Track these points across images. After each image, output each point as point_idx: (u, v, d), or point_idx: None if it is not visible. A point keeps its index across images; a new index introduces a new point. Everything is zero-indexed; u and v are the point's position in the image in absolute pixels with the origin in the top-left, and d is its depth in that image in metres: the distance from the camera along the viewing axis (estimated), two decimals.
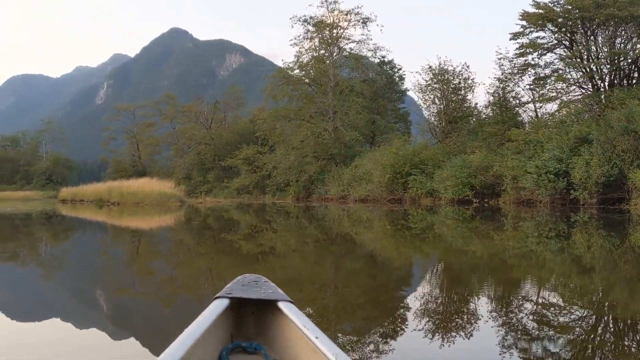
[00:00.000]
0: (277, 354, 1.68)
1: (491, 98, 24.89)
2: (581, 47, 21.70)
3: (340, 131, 29.88)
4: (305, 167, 29.52)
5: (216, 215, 16.27)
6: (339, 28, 32.55)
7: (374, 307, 3.55)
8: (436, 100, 27.97)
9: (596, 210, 14.36)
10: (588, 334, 2.79)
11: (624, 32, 21.05)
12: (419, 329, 2.81)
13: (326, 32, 32.33)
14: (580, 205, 15.61)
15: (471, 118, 26.79)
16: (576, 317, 3.17)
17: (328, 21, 32.41)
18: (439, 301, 3.71)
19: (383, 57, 35.24)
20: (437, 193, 20.70)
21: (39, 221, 13.56)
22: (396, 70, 36.62)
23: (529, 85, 23.49)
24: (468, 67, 27.67)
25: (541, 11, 21.29)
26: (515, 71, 23.73)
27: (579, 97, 21.64)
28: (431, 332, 2.77)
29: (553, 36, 22.36)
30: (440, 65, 27.68)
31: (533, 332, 2.77)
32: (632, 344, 2.64)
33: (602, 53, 21.42)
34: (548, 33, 22.30)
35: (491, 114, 24.84)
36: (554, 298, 3.84)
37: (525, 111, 24.48)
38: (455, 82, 27.52)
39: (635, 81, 20.98)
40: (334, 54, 32.80)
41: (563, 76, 21.96)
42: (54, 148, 67.58)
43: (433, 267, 5.58)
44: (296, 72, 32.98)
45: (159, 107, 54.09)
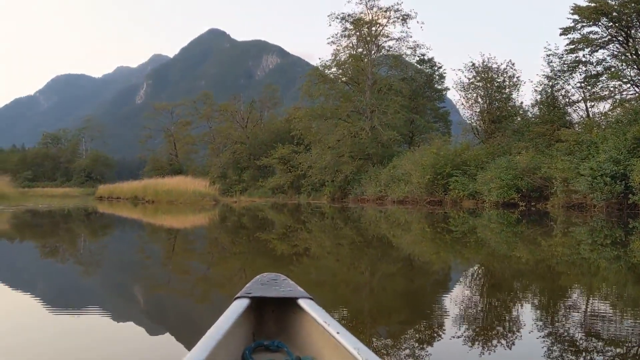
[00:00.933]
0: (300, 351, 1.71)
1: (539, 96, 24.09)
2: (637, 43, 20.63)
3: (377, 131, 29.65)
4: (341, 167, 29.47)
5: (251, 214, 16.50)
6: (378, 25, 32.34)
7: (411, 312, 3.50)
8: (479, 99, 27.32)
9: None
10: None
11: None
12: (458, 336, 2.75)
13: (364, 30, 32.17)
14: (639, 210, 14.82)
15: (516, 117, 26.01)
16: (629, 330, 3.00)
17: (367, 18, 32.25)
18: (479, 308, 3.61)
19: (423, 55, 34.77)
20: (480, 195, 20.17)
21: (69, 219, 13.90)
22: (436, 68, 36.05)
23: (580, 83, 22.59)
24: (513, 65, 26.89)
25: (595, 4, 20.37)
26: (565, 68, 22.88)
27: (634, 96, 20.59)
28: (470, 340, 2.70)
29: (607, 31, 21.37)
30: (483, 62, 27.03)
31: (580, 344, 2.66)
32: None
33: None
34: (601, 28, 21.34)
35: (538, 113, 24.03)
36: (606, 309, 3.66)
37: (575, 110, 23.55)
38: (499, 80, 26.79)
39: None
40: (372, 52, 32.58)
41: (617, 74, 20.95)
42: (94, 146, 70.51)
43: (474, 273, 5.43)
44: (333, 71, 32.97)
45: (196, 106, 55.38)
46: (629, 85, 21.12)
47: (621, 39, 21.23)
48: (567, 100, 23.40)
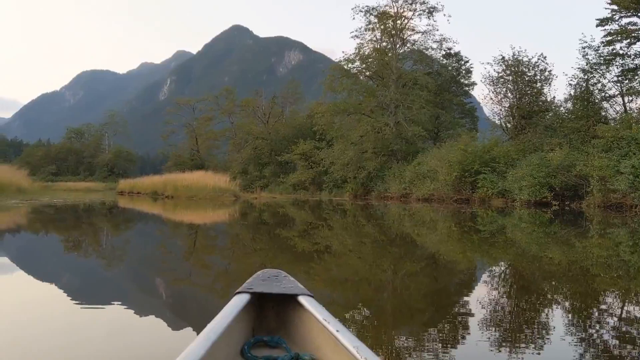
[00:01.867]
0: (299, 348, 1.73)
1: (572, 91, 23.30)
2: None
3: (402, 126, 29.25)
4: (364, 164, 29.20)
5: (271, 211, 16.50)
6: (403, 18, 31.82)
7: (434, 312, 3.44)
8: (508, 93, 26.64)
9: None
10: None
11: None
12: (484, 339, 2.69)
13: (389, 23, 31.71)
14: None
15: (547, 113, 25.26)
16: None
17: (391, 11, 31.79)
18: (507, 310, 3.50)
19: (449, 49, 34.12)
20: (510, 194, 19.65)
21: (79, 214, 13.83)
22: (463, 62, 35.35)
23: (617, 76, 21.76)
24: (545, 58, 26.11)
25: None
26: (601, 61, 22.07)
27: None
28: (497, 343, 2.64)
29: None
30: (514, 55, 26.34)
31: (615, 351, 2.55)
32: None
33: None
34: None
35: (572, 108, 23.25)
36: None
37: (612, 105, 22.70)
38: (530, 74, 26.08)
39: None
40: (397, 46, 32.11)
41: None
42: (117, 141, 71.82)
43: (501, 273, 5.28)
44: (357, 65, 32.64)
45: (218, 102, 55.80)
46: None
47: None
48: (603, 94, 22.58)
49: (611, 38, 21.12)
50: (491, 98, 26.96)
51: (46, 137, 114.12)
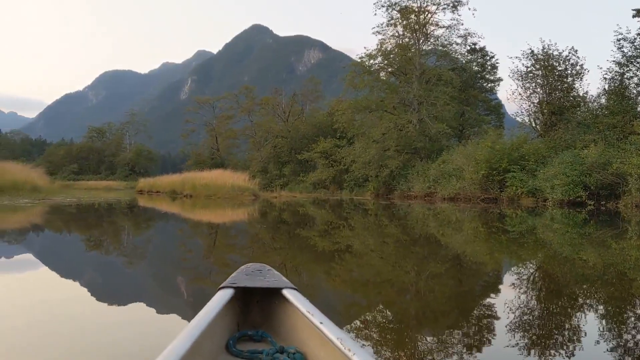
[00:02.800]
0: (284, 341, 1.75)
1: (606, 85, 22.53)
2: None
3: (425, 123, 28.81)
4: (386, 162, 28.86)
5: (291, 210, 16.43)
6: (427, 13, 31.33)
7: (459, 315, 3.35)
8: (538, 88, 25.95)
9: None
10: None
11: None
12: (512, 344, 2.59)
13: (412, 18, 31.24)
14: None
15: (578, 108, 24.52)
16: None
17: (414, 5, 31.32)
18: (536, 314, 3.37)
19: (474, 44, 33.48)
20: (542, 193, 19.10)
21: (88, 215, 13.90)
22: (488, 58, 34.63)
23: None
24: (576, 52, 25.38)
25: None
26: (637, 54, 21.27)
27: None
28: (526, 348, 2.53)
29: None
30: (543, 49, 25.65)
31: None
32: None
33: None
34: None
35: (607, 104, 22.47)
36: None
37: None
38: (560, 69, 25.36)
39: None
40: (420, 41, 31.62)
41: None
42: (138, 140, 72.89)
43: (531, 276, 5.08)
44: (379, 61, 32.26)
45: (238, 100, 56.12)
46: None
47: None
48: None
49: None
50: (519, 93, 26.34)
51: (69, 137, 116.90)
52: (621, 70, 21.93)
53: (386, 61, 32.34)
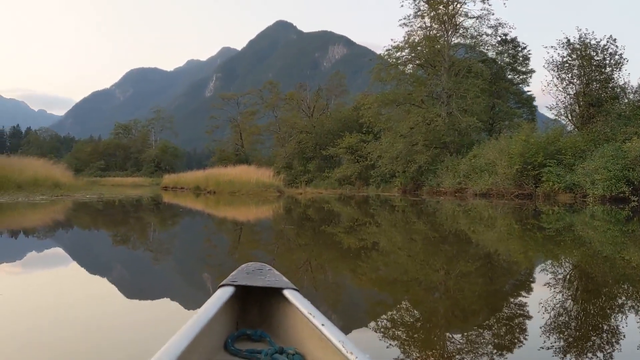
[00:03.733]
0: (283, 342, 1.75)
1: None
2: None
3: (455, 117, 28.21)
4: (414, 157, 28.40)
5: (316, 206, 16.36)
6: (455, 3, 30.62)
7: (490, 314, 3.27)
8: (574, 79, 25.07)
9: None
10: None
11: None
12: (547, 346, 2.49)
13: (440, 9, 30.61)
14: None
15: (618, 100, 23.62)
16: None
17: None
18: (572, 315, 3.24)
19: (505, 35, 32.56)
20: (580, 188, 18.46)
21: (122, 209, 14.02)
22: (520, 49, 33.65)
23: None
24: (614, 41, 24.39)
25: None
26: None
27: None
28: (561, 350, 2.44)
29: None
30: (580, 38, 24.76)
31: None
32: None
33: None
34: None
35: None
36: None
37: None
38: (598, 59, 24.43)
39: None
40: (449, 33, 30.96)
41: None
42: (164, 136, 74.12)
43: (567, 275, 4.87)
44: (406, 53, 31.75)
45: (262, 95, 56.33)
46: None
47: None
48: None
49: None
50: (555, 85, 25.50)
51: (97, 134, 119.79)
52: None
53: (413, 53, 31.82)
